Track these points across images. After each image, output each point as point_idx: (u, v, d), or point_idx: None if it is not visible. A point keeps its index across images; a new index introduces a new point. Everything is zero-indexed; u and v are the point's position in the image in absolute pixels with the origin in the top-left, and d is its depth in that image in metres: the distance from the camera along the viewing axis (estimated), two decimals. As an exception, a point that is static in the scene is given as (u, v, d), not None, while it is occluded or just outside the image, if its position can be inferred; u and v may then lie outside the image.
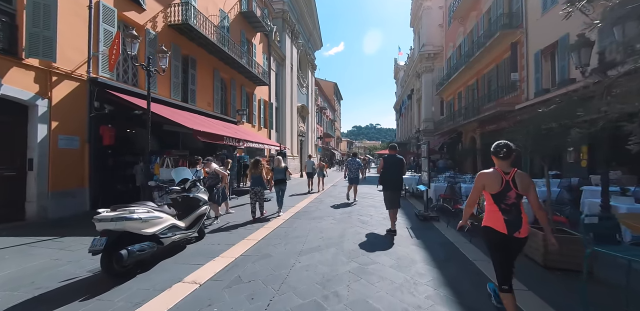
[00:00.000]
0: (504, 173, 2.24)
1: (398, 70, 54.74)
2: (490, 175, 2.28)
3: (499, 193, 2.22)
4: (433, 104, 27.62)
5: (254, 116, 16.55)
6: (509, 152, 2.26)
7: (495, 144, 2.35)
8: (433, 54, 27.93)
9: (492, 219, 2.25)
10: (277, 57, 20.73)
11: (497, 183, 2.22)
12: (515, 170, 2.25)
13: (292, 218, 6.16)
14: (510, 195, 2.20)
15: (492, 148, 2.35)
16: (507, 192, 2.20)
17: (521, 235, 2.17)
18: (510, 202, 2.20)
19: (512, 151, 2.26)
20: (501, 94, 13.29)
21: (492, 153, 2.35)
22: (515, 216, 2.19)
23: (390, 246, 4.29)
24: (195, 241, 4.41)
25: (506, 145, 2.29)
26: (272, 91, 19.61)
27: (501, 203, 2.22)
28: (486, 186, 2.28)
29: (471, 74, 16.82)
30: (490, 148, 2.38)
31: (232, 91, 14.05)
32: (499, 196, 2.22)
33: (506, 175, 2.23)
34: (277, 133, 21.19)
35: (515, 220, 2.18)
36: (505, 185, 2.21)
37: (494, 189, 2.23)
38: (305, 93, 29.53)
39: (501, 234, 2.19)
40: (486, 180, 2.28)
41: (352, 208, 7.56)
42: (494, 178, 2.25)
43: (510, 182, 2.21)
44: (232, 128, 11.02)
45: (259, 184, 6.13)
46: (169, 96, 9.64)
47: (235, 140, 8.44)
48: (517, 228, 2.17)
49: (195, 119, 9.01)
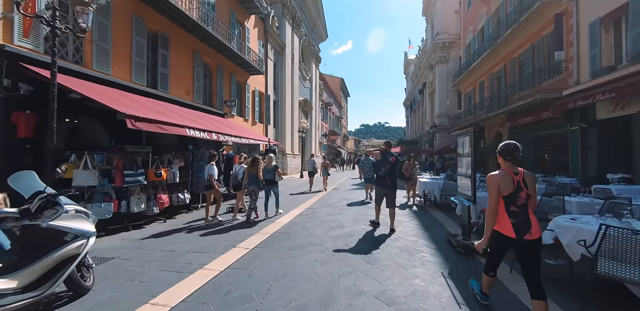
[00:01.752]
0: (514, 174, 2.21)
1: (408, 64, 52.16)
2: (503, 176, 2.22)
3: (511, 194, 2.18)
4: (448, 98, 25.29)
5: (246, 109, 14.64)
6: (520, 153, 2.25)
7: (505, 144, 2.32)
8: (448, 42, 25.62)
9: (500, 223, 2.22)
10: (276, 45, 18.77)
11: (510, 184, 2.19)
12: (523, 170, 2.25)
13: (261, 247, 4.14)
14: (521, 196, 2.17)
15: (502, 148, 2.32)
16: (518, 192, 2.18)
17: (532, 236, 2.12)
18: (521, 202, 2.18)
19: (520, 151, 2.25)
20: (539, 79, 11.00)
21: (503, 153, 2.30)
22: (523, 218, 2.16)
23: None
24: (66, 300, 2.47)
25: (518, 146, 2.27)
26: (270, 82, 17.67)
27: (511, 205, 2.18)
28: (500, 187, 2.20)
29: (497, 59, 14.49)
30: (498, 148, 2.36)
31: (219, 79, 12.14)
32: (511, 197, 2.18)
33: (516, 176, 2.20)
34: (276, 129, 19.26)
35: (524, 222, 2.15)
36: (517, 185, 2.18)
37: (507, 190, 2.19)
38: (308, 87, 27.51)
39: (509, 238, 2.16)
40: (500, 182, 2.20)
41: (354, 228, 5.20)
42: (507, 179, 2.20)
43: (521, 182, 2.19)
44: (212, 120, 9.10)
45: (255, 183, 5.83)
46: (129, 79, 7.77)
47: (205, 133, 6.49)
48: (527, 231, 2.12)
49: (160, 108, 7.12)
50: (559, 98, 9.14)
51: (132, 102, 6.20)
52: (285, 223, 5.43)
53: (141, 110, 5.56)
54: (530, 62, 11.71)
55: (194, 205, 7.00)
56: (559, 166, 9.97)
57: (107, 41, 7.15)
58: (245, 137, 8.46)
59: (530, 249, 2.14)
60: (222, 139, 7.17)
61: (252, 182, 5.81)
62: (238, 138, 8.01)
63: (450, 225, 5.35)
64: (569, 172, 9.07)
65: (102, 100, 4.87)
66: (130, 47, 7.85)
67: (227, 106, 12.35)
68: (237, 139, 7.93)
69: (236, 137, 7.96)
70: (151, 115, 5.47)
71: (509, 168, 2.25)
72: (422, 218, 6.01)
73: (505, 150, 2.28)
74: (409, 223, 5.53)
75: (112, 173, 4.90)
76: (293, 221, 5.62)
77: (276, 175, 6.15)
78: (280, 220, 5.69)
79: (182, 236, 4.64)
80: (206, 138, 6.55)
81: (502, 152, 2.29)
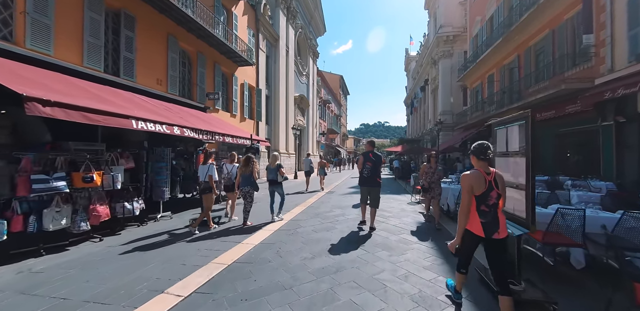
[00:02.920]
0: (486, 174, 2.25)
1: (409, 61, 50.81)
2: (476, 176, 2.25)
3: (483, 194, 2.21)
4: (452, 94, 23.98)
5: (234, 103, 13.33)
6: (491, 153, 2.29)
7: (479, 144, 2.34)
8: (452, 36, 24.28)
9: (471, 222, 2.25)
10: (269, 36, 17.45)
11: (483, 184, 2.22)
12: (494, 171, 2.30)
13: (202, 292, 2.71)
14: (492, 195, 2.22)
15: (474, 148, 2.33)
16: (490, 192, 2.21)
17: (500, 235, 2.19)
18: (492, 202, 2.21)
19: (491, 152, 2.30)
20: (560, 69, 9.69)
21: (476, 153, 2.32)
22: (492, 217, 2.20)
23: None
24: None
25: (489, 146, 2.31)
26: (262, 75, 16.35)
27: (482, 204, 2.22)
28: (473, 187, 2.23)
29: (509, 49, 13.17)
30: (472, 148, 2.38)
31: (200, 68, 10.83)
32: (483, 197, 2.22)
33: (488, 176, 2.24)
34: (268, 126, 17.95)
35: (493, 221, 2.19)
36: (489, 185, 2.22)
37: (479, 190, 2.22)
38: (305, 83, 26.18)
39: (478, 237, 2.22)
40: (473, 181, 2.23)
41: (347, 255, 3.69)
42: (480, 179, 2.23)
43: (492, 182, 2.23)
44: (185, 114, 7.81)
45: (250, 184, 5.40)
46: (78, 63, 6.47)
47: (163, 126, 5.19)
48: (495, 230, 2.18)
49: (112, 97, 5.83)
50: (588, 89, 7.85)
51: (65, 86, 4.90)
52: (255, 244, 4.13)
53: (68, 95, 4.26)
54: (550, 50, 10.40)
55: (152, 216, 5.71)
56: (586, 167, 8.67)
57: (46, 14, 5.84)
58: (221, 133, 7.16)
59: (498, 247, 2.21)
60: (188, 134, 5.87)
61: (245, 182, 5.40)
62: (210, 135, 6.71)
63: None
64: (601, 174, 7.77)
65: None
66: (81, 24, 6.54)
67: (209, 99, 11.04)
68: (208, 135, 6.63)
69: (208, 132, 6.65)
70: (82, 101, 4.17)
71: (482, 168, 2.28)
72: (436, 237, 4.60)
73: (478, 149, 2.30)
74: (419, 247, 4.10)
75: (15, 178, 3.60)
76: (267, 241, 4.30)
77: (279, 175, 5.70)
78: (250, 240, 4.39)
79: (106, 266, 3.33)
80: (165, 132, 5.25)
81: (476, 152, 2.31)
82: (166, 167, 5.92)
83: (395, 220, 5.66)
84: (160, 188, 5.76)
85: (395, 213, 6.49)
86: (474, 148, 2.33)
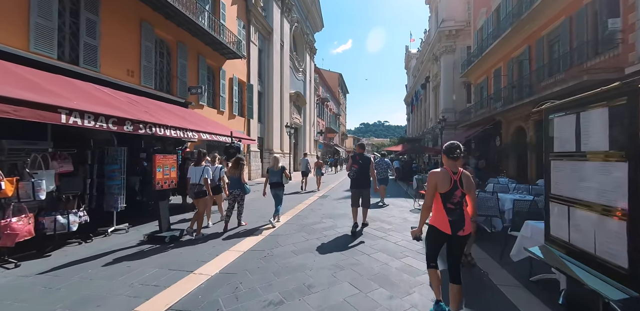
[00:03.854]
0: (452, 173, 2.30)
1: (410, 58, 49.80)
2: (442, 175, 2.30)
3: (447, 192, 2.27)
4: (454, 91, 23.02)
5: (221, 99, 12.34)
6: (461, 153, 2.32)
7: (449, 144, 2.38)
8: (455, 30, 23.30)
9: (438, 220, 2.31)
10: (261, 28, 16.45)
11: (447, 182, 2.27)
12: (461, 170, 2.34)
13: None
14: (457, 194, 2.27)
15: (445, 147, 2.39)
16: (454, 190, 2.26)
17: (464, 232, 2.25)
18: (457, 200, 2.27)
19: (462, 152, 2.33)
20: (580, 59, 8.71)
21: (447, 152, 2.37)
22: (458, 215, 2.26)
23: None
24: None
25: (459, 146, 2.34)
26: (253, 70, 15.37)
27: (448, 202, 2.27)
28: (437, 185, 2.29)
29: (519, 40, 12.19)
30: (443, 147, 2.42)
31: (180, 60, 9.84)
32: (447, 195, 2.27)
33: (454, 175, 2.29)
34: (261, 124, 16.98)
35: (459, 219, 2.25)
36: (454, 184, 2.27)
37: (444, 188, 2.27)
38: (301, 80, 25.20)
39: (445, 234, 2.27)
40: (438, 179, 2.29)
41: (329, 299, 2.56)
42: (445, 177, 2.29)
43: (457, 181, 2.28)
44: (154, 109, 6.85)
45: (238, 187, 5.14)
46: (24, 47, 5.50)
47: (109, 123, 4.22)
48: (461, 227, 2.24)
49: (55, 86, 4.87)
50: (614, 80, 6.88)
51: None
52: (210, 275, 3.08)
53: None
54: (566, 39, 9.41)
55: (103, 229, 4.74)
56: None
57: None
58: (194, 129, 6.18)
59: (460, 243, 2.30)
60: (146, 132, 4.89)
61: (234, 185, 5.16)
62: (181, 132, 5.73)
63: (509, 283, 3.01)
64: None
65: None
66: (26, 2, 5.56)
67: (192, 94, 10.07)
68: (178, 132, 5.65)
69: (179, 129, 5.68)
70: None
71: (450, 166, 2.33)
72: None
73: (448, 148, 2.35)
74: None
75: None
76: (228, 269, 3.28)
77: (284, 177, 5.56)
78: (207, 267, 3.40)
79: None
80: (110, 129, 4.27)
81: (446, 151, 2.36)
82: (120, 170, 4.94)
83: (396, 236, 4.68)
84: (113, 195, 4.79)
85: (396, 224, 5.51)
86: (445, 148, 2.38)
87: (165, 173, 4.35)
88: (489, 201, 4.46)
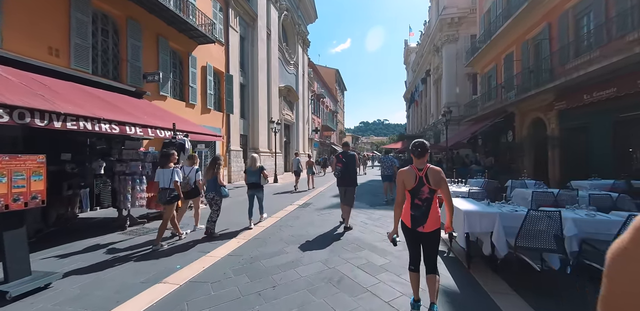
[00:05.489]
0: (417, 170, 2.36)
1: (409, 53, 48.11)
2: (407, 172, 2.38)
3: (413, 189, 2.33)
4: (458, 83, 21.38)
5: (191, 90, 10.65)
6: (424, 151, 2.37)
7: (413, 142, 2.45)
8: (457, 18, 21.66)
9: (404, 213, 2.40)
10: (243, 13, 14.74)
11: (412, 179, 2.33)
12: (427, 167, 2.36)
13: None
14: (424, 190, 2.31)
15: (410, 145, 2.46)
16: (420, 187, 2.31)
17: (425, 229, 2.30)
18: (424, 196, 2.31)
19: (426, 149, 2.38)
20: (622, 30, 7.02)
21: (410, 150, 2.45)
22: (423, 212, 2.31)
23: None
24: None
25: (422, 144, 2.40)
26: (234, 59, 13.66)
27: (415, 198, 2.33)
28: (405, 182, 2.37)
29: (536, 18, 10.48)
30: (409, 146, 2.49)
31: (132, 40, 8.14)
32: (414, 191, 2.34)
33: (419, 172, 2.34)
34: (245, 120, 15.31)
35: (422, 215, 2.31)
36: (419, 180, 2.32)
37: (410, 185, 2.34)
38: (293, 73, 23.49)
39: (407, 228, 2.38)
40: (404, 177, 2.37)
41: None
42: (410, 174, 2.36)
43: (423, 178, 2.32)
44: (68, 96, 5.18)
45: (213, 190, 4.78)
46: None
47: None
48: (421, 224, 2.30)
49: None
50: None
51: None
52: None
53: None
54: (601, 9, 7.71)
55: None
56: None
57: None
58: (117, 121, 4.49)
59: (427, 240, 2.35)
60: (38, 124, 3.24)
61: (210, 188, 4.85)
62: (89, 123, 4.05)
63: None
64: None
65: None
66: None
67: (147, 81, 8.38)
68: (84, 124, 3.98)
69: (85, 119, 4.01)
70: None
71: (416, 164, 2.39)
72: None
73: (412, 146, 2.42)
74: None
75: None
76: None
77: (262, 178, 5.34)
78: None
79: None
80: None
81: (411, 149, 2.43)
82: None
83: (391, 279, 2.96)
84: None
85: (391, 253, 3.70)
86: (410, 146, 2.44)
87: (15, 185, 2.67)
88: (539, 222, 2.77)
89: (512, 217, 2.99)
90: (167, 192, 4.29)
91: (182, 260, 3.56)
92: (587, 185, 6.11)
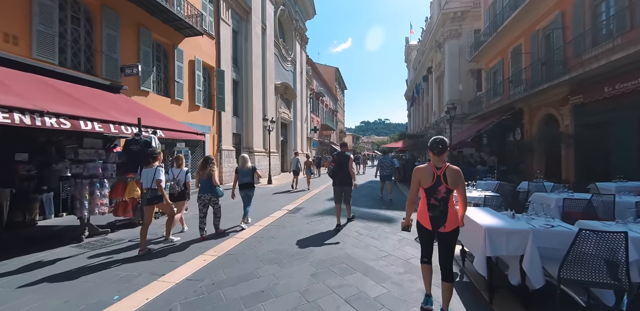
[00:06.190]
0: (435, 168, 2.26)
1: (410, 51, 47.30)
2: (424, 170, 2.29)
3: (430, 187, 2.25)
4: (461, 80, 20.59)
5: (177, 85, 9.95)
6: (444, 148, 2.27)
7: (432, 139, 2.36)
8: (460, 12, 20.86)
9: (422, 215, 2.33)
10: (236, 5, 14.04)
11: (430, 178, 2.25)
12: (447, 166, 2.27)
13: None
14: (440, 190, 2.22)
15: (429, 142, 2.36)
16: (438, 186, 2.23)
17: (446, 229, 2.22)
18: (441, 196, 2.23)
19: (446, 147, 2.28)
20: (648, 15, 6.29)
21: (429, 148, 2.35)
22: (441, 211, 2.22)
23: None
24: None
25: (442, 140, 2.30)
26: (226, 53, 12.96)
27: (432, 198, 2.25)
28: (421, 181, 2.29)
29: (547, 6, 9.74)
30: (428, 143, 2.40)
31: (108, 30, 7.46)
32: (431, 190, 2.25)
33: (438, 170, 2.25)
34: (238, 118, 14.62)
35: (440, 216, 2.22)
36: (437, 179, 2.23)
37: (426, 184, 2.25)
38: (290, 70, 22.78)
39: (427, 230, 2.30)
40: (421, 175, 2.29)
41: None
42: (427, 172, 2.27)
43: (441, 177, 2.23)
44: (17, 89, 4.51)
45: (209, 191, 4.64)
46: None
47: None
48: (442, 224, 2.22)
49: None
50: None
51: None
52: None
53: None
54: (623, -8, 6.98)
55: None
56: None
57: None
58: (69, 115, 3.80)
59: (445, 239, 2.25)
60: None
61: (206, 189, 4.63)
62: (25, 115, 3.37)
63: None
64: None
65: None
66: None
67: (125, 75, 7.69)
68: (20, 116, 3.30)
69: (25, 111, 3.33)
70: None
71: (434, 162, 2.31)
72: None
73: (430, 143, 2.33)
74: None
75: None
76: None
77: (255, 177, 5.35)
78: None
79: None
80: None
81: (429, 146, 2.34)
82: None
83: None
84: None
85: (389, 278, 2.99)
86: (429, 143, 2.35)
87: None
88: (585, 243, 2.04)
89: (548, 235, 2.29)
90: (149, 193, 4.10)
91: (125, 287, 2.84)
92: (612, 187, 5.40)
